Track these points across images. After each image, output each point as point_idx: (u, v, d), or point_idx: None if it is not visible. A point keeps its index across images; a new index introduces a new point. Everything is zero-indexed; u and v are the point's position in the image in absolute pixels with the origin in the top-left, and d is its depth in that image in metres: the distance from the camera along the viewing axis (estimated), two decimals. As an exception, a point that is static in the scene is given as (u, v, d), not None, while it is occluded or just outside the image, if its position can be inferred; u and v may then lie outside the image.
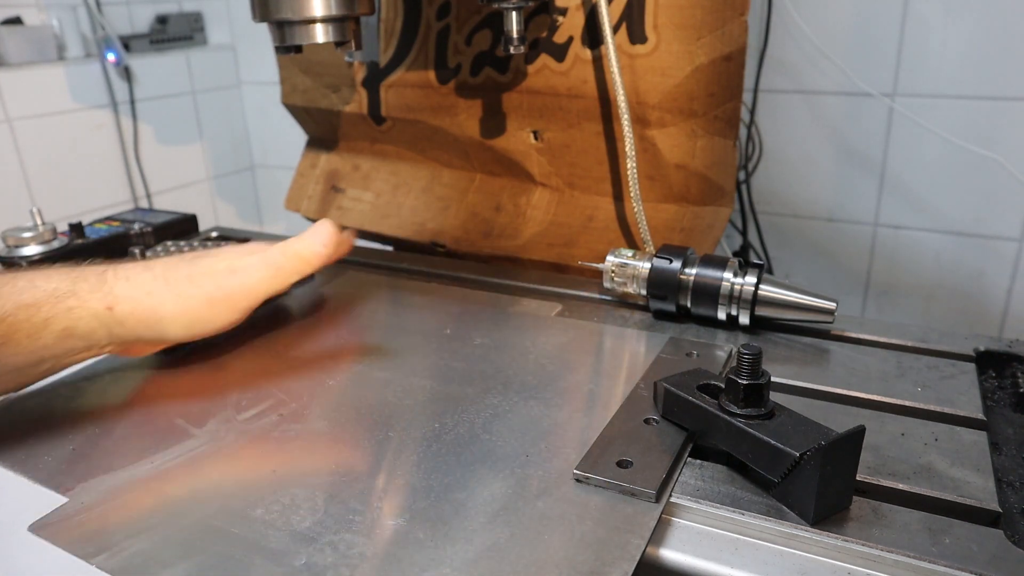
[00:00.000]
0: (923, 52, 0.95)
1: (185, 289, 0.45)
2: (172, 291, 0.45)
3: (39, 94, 1.17)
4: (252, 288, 0.47)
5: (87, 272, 0.44)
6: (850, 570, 0.33)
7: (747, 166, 1.07)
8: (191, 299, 0.45)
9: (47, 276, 0.43)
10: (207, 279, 0.46)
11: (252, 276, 0.47)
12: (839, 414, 0.43)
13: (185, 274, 0.46)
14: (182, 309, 0.45)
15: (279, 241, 0.54)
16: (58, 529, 0.35)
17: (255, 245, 0.51)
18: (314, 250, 0.49)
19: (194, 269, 0.47)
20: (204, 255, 0.49)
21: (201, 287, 0.46)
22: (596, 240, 0.69)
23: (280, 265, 0.48)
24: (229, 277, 0.47)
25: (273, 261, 0.48)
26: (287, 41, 0.57)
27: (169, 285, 0.45)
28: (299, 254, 0.49)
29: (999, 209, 0.97)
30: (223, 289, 0.46)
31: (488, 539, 0.34)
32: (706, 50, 0.60)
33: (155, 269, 0.46)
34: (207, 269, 0.47)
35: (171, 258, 0.48)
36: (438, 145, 0.78)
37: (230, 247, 0.51)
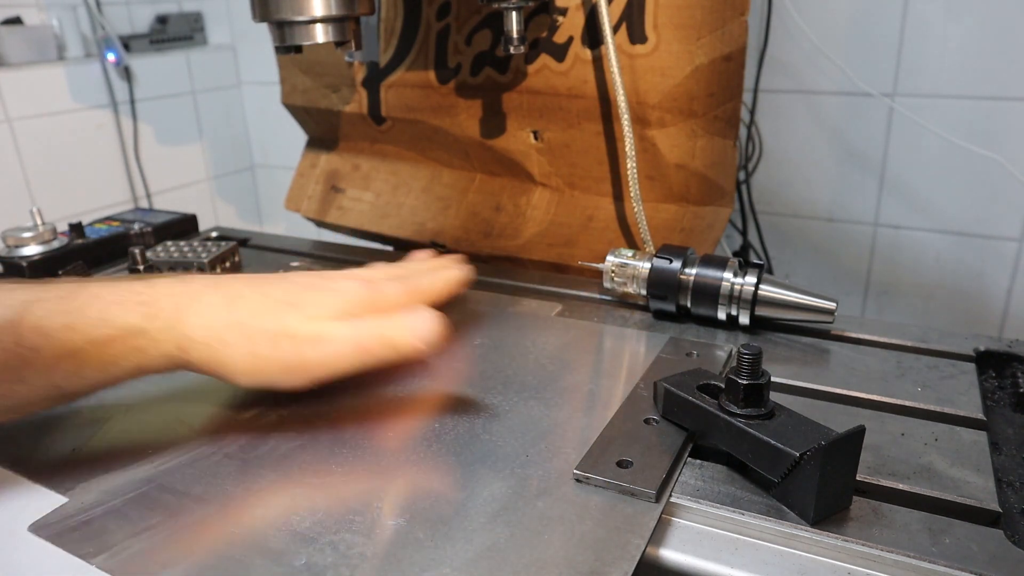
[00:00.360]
0: (923, 52, 0.95)
1: (262, 349, 0.41)
2: (248, 347, 0.41)
3: (39, 94, 1.17)
4: (332, 365, 0.42)
5: (161, 302, 0.41)
6: (850, 570, 0.33)
7: (747, 166, 1.07)
8: (266, 361, 0.41)
9: (121, 305, 0.40)
10: (288, 343, 0.41)
11: (335, 352, 0.41)
12: (839, 414, 0.43)
13: (266, 329, 0.41)
14: (254, 369, 0.41)
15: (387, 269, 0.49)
16: (58, 529, 0.35)
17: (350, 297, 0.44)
18: (412, 345, 0.41)
19: (278, 324, 0.41)
20: (296, 300, 0.43)
21: (280, 350, 0.41)
22: (596, 240, 0.69)
23: (369, 350, 0.42)
24: (311, 347, 0.41)
25: (363, 343, 0.42)
26: (287, 41, 0.57)
27: (246, 338, 0.41)
28: (395, 345, 0.42)
29: (999, 209, 0.97)
30: (301, 358, 0.41)
31: (488, 539, 0.34)
32: (706, 50, 0.60)
33: (238, 311, 0.41)
34: (292, 329, 0.41)
35: (256, 296, 0.43)
36: (438, 145, 0.78)
37: (329, 288, 0.44)
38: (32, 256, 0.65)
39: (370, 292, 0.45)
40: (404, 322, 0.42)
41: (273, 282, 0.44)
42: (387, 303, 0.45)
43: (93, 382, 0.40)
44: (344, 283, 0.45)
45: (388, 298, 0.45)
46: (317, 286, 0.44)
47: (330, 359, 0.42)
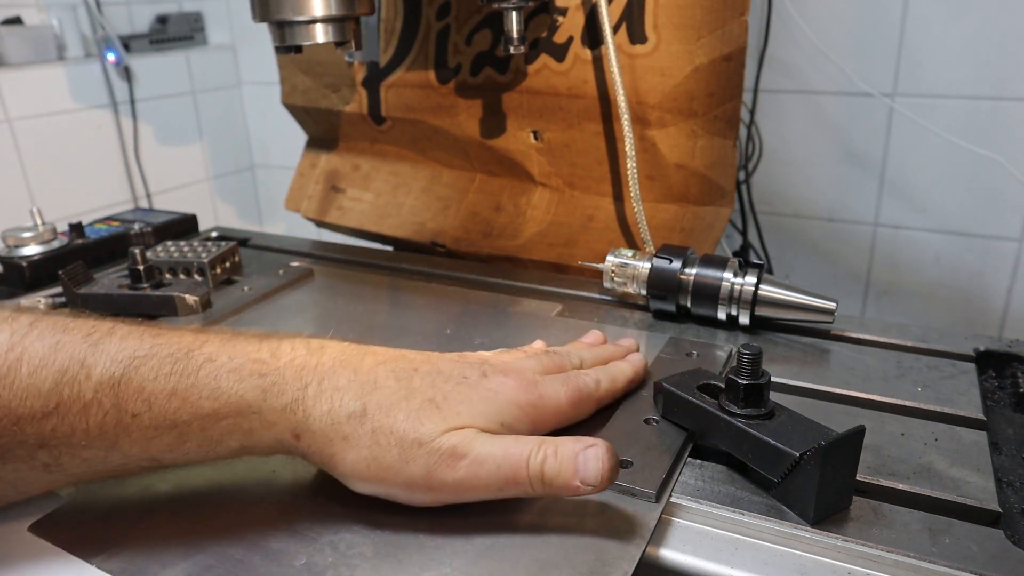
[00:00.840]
0: (923, 52, 0.95)
1: (388, 458, 0.34)
2: (372, 451, 0.34)
3: (39, 94, 1.17)
4: (468, 492, 0.34)
5: (286, 378, 0.34)
6: (850, 570, 0.33)
7: (747, 166, 1.07)
8: (388, 472, 0.34)
9: (237, 374, 0.34)
10: (420, 456, 0.33)
11: (475, 478, 0.34)
12: (839, 414, 0.43)
13: (399, 433, 0.34)
14: (373, 478, 0.34)
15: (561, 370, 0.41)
16: (58, 529, 0.35)
17: (507, 404, 0.37)
18: (570, 484, 0.33)
19: (411, 430, 0.34)
20: (442, 397, 0.35)
21: (407, 465, 0.34)
22: (596, 240, 0.69)
23: (518, 481, 0.33)
24: (447, 467, 0.33)
25: (512, 472, 0.33)
26: (287, 41, 0.57)
27: (374, 439, 0.34)
28: (549, 481, 0.33)
29: (999, 209, 0.97)
30: (431, 480, 0.34)
31: (488, 539, 0.34)
32: (706, 50, 0.60)
33: (369, 401, 0.34)
34: (427, 436, 0.34)
35: (396, 387, 0.35)
36: (438, 145, 0.78)
37: (477, 390, 0.37)
38: (32, 256, 0.65)
39: (533, 398, 0.37)
40: (569, 455, 0.33)
41: (419, 370, 0.37)
42: (550, 415, 0.38)
43: (192, 458, 0.35)
44: (502, 381, 0.37)
45: (551, 406, 0.38)
46: (470, 382, 0.37)
47: (466, 485, 0.34)
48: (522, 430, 0.37)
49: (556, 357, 0.42)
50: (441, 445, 0.34)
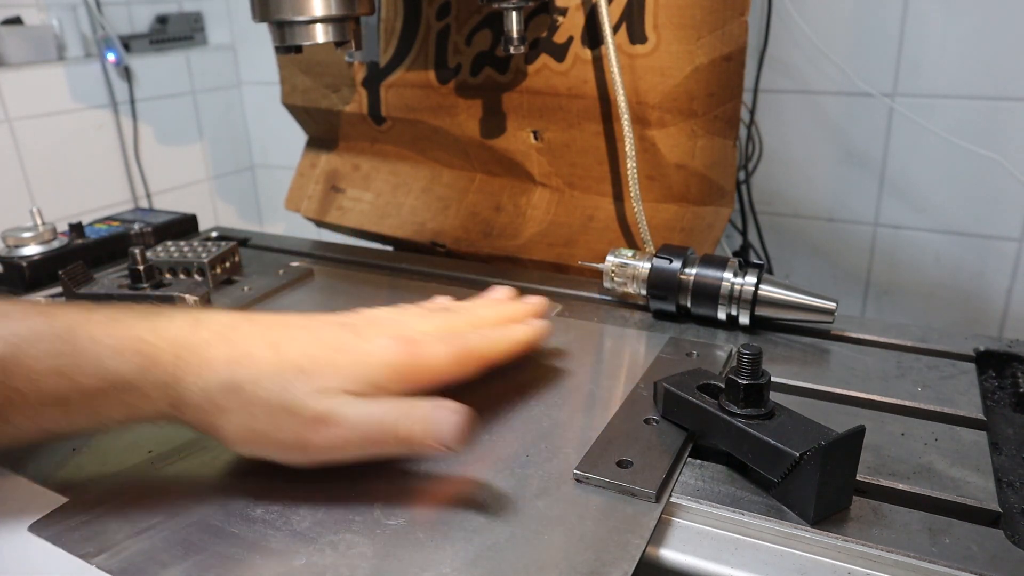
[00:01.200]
0: (923, 52, 0.95)
1: (259, 424, 0.36)
2: (245, 419, 0.36)
3: (39, 94, 1.17)
4: (335, 452, 0.36)
5: (162, 355, 0.36)
6: (850, 570, 0.33)
7: (747, 166, 1.07)
8: (262, 438, 0.36)
9: (119, 355, 0.36)
10: (289, 423, 0.36)
11: (339, 439, 0.36)
12: (839, 414, 0.43)
13: (267, 401, 0.36)
14: (249, 442, 0.37)
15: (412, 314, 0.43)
16: (58, 529, 0.35)
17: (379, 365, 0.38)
18: (428, 445, 0.35)
19: (281, 397, 0.36)
20: (312, 365, 0.37)
21: (278, 430, 0.36)
22: (596, 240, 0.69)
23: (377, 443, 0.36)
24: (313, 430, 0.36)
25: (372, 435, 0.36)
26: (287, 41, 0.57)
27: (244, 408, 0.36)
28: (406, 440, 0.35)
29: (999, 209, 0.97)
30: (301, 442, 0.36)
31: (488, 539, 0.34)
32: (706, 50, 0.60)
33: (241, 374, 0.36)
34: (296, 405, 0.35)
35: (267, 355, 0.37)
36: (438, 145, 0.78)
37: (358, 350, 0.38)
38: (32, 256, 0.65)
39: (408, 358, 0.38)
40: (424, 416, 0.35)
41: (296, 338, 0.38)
42: (427, 373, 0.39)
43: (82, 428, 0.37)
44: (377, 343, 0.38)
45: (429, 365, 0.39)
46: (344, 348, 0.38)
47: (333, 446, 0.36)
48: (396, 390, 0.38)
49: (449, 315, 0.43)
50: (308, 412, 0.36)
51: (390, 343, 0.39)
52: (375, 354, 0.38)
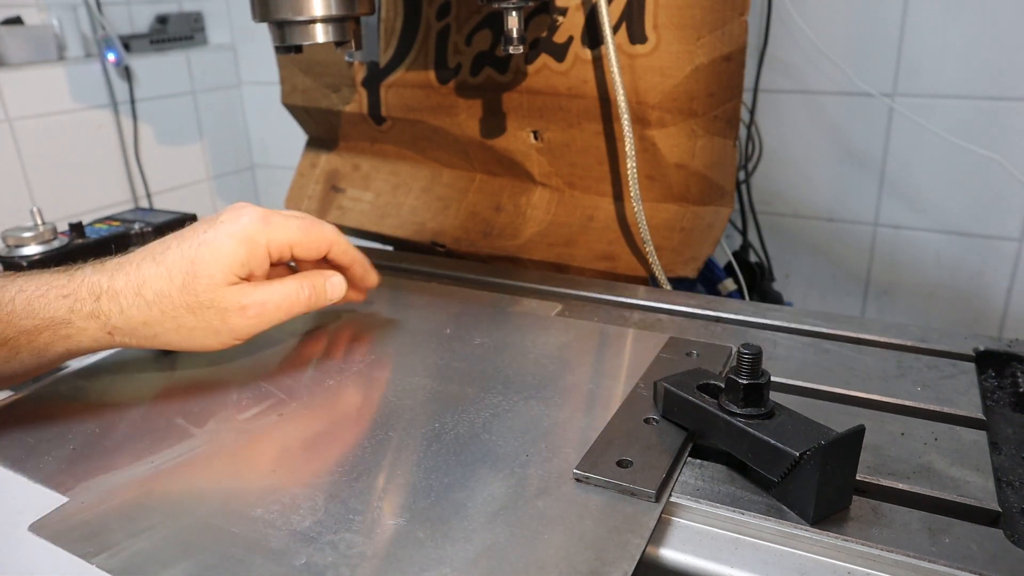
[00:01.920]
0: (923, 52, 0.95)
1: (186, 321, 0.44)
2: (172, 322, 0.44)
3: (39, 94, 1.17)
4: (261, 326, 0.46)
5: (82, 294, 0.43)
6: (850, 570, 0.33)
7: (747, 166, 1.07)
8: (193, 331, 0.44)
9: (45, 299, 0.43)
10: (212, 314, 0.44)
11: (263, 316, 0.46)
12: (839, 414, 0.43)
13: (183, 304, 0.44)
14: (183, 338, 0.45)
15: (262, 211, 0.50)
16: (58, 529, 0.36)
17: (238, 246, 0.45)
18: (326, 302, 0.48)
19: (191, 299, 0.44)
20: (192, 269, 0.44)
21: (206, 320, 0.44)
22: (596, 240, 0.69)
23: (291, 309, 0.47)
24: (238, 315, 0.45)
25: (285, 303, 0.46)
26: (287, 41, 0.57)
27: (166, 316, 0.44)
28: (312, 304, 0.47)
29: (999, 209, 0.97)
30: (229, 325, 0.45)
31: (488, 539, 0.34)
32: (706, 50, 0.60)
33: (146, 294, 0.44)
34: (209, 300, 0.44)
35: (158, 272, 0.44)
36: (438, 145, 0.78)
37: (213, 247, 0.45)
38: (32, 256, 0.65)
39: (260, 225, 0.47)
40: (319, 283, 0.49)
41: (170, 248, 0.45)
42: (280, 235, 0.47)
43: (30, 366, 0.44)
44: (232, 226, 0.46)
45: (279, 230, 0.47)
46: (207, 242, 0.45)
47: (258, 324, 0.46)
48: (260, 257, 0.47)
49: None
50: (225, 303, 0.44)
51: (247, 218, 0.47)
52: (234, 238, 0.46)
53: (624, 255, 0.67)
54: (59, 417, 0.45)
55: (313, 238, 0.50)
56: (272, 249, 0.47)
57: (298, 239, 0.48)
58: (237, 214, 0.47)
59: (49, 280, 0.44)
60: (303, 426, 0.44)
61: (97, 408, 0.46)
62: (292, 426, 0.44)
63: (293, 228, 0.48)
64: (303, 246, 0.49)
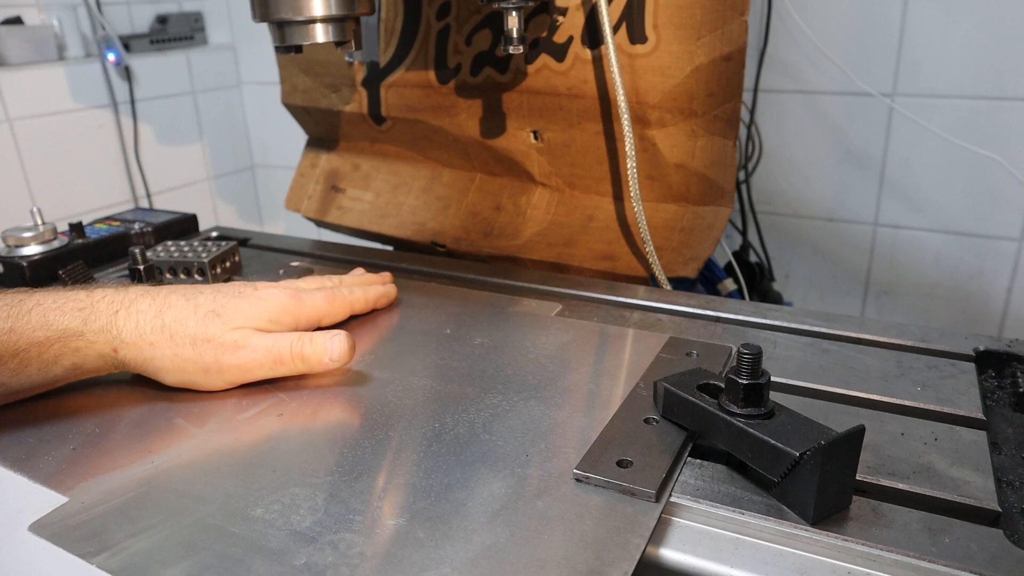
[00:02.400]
0: (923, 52, 0.95)
1: (185, 352, 0.46)
2: (173, 349, 0.46)
3: (39, 94, 1.17)
4: (249, 371, 0.47)
5: (99, 309, 0.45)
6: (850, 569, 0.33)
7: (747, 166, 1.07)
8: (188, 363, 0.46)
9: (60, 311, 0.44)
10: (209, 349, 0.46)
11: (252, 360, 0.47)
12: (839, 414, 0.43)
13: (191, 334, 0.46)
14: (177, 369, 0.46)
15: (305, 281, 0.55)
16: (58, 529, 0.35)
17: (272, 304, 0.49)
18: (321, 361, 0.47)
19: (200, 331, 0.46)
20: (220, 309, 0.47)
21: (201, 355, 0.46)
22: (596, 240, 0.69)
23: (283, 361, 0.47)
24: (231, 354, 0.46)
25: (278, 354, 0.47)
26: (287, 41, 0.57)
27: (173, 342, 0.45)
28: (306, 359, 0.47)
29: (999, 209, 0.97)
30: (220, 364, 0.46)
31: (488, 539, 0.34)
32: (706, 50, 0.60)
33: (166, 317, 0.46)
34: (213, 335, 0.46)
35: (184, 304, 0.47)
36: (438, 145, 0.78)
37: (254, 297, 0.49)
38: (32, 256, 0.65)
39: (293, 300, 0.50)
40: (319, 340, 0.47)
41: (204, 292, 0.48)
42: (310, 311, 0.51)
43: (35, 381, 0.45)
44: (269, 291, 0.50)
45: (310, 306, 0.51)
46: (244, 295, 0.49)
47: (247, 366, 0.47)
48: (287, 324, 0.49)
49: (324, 279, 0.57)
50: (225, 339, 0.46)
51: (280, 291, 0.50)
52: (269, 298, 0.49)
53: (624, 255, 0.67)
54: (59, 417, 0.45)
55: (336, 309, 0.54)
56: (301, 324, 0.51)
57: (324, 313, 0.52)
58: (271, 288, 0.51)
59: (68, 295, 0.46)
60: (303, 426, 0.44)
61: (97, 408, 0.46)
62: (292, 426, 0.44)
63: (320, 304, 0.52)
64: (330, 317, 0.53)
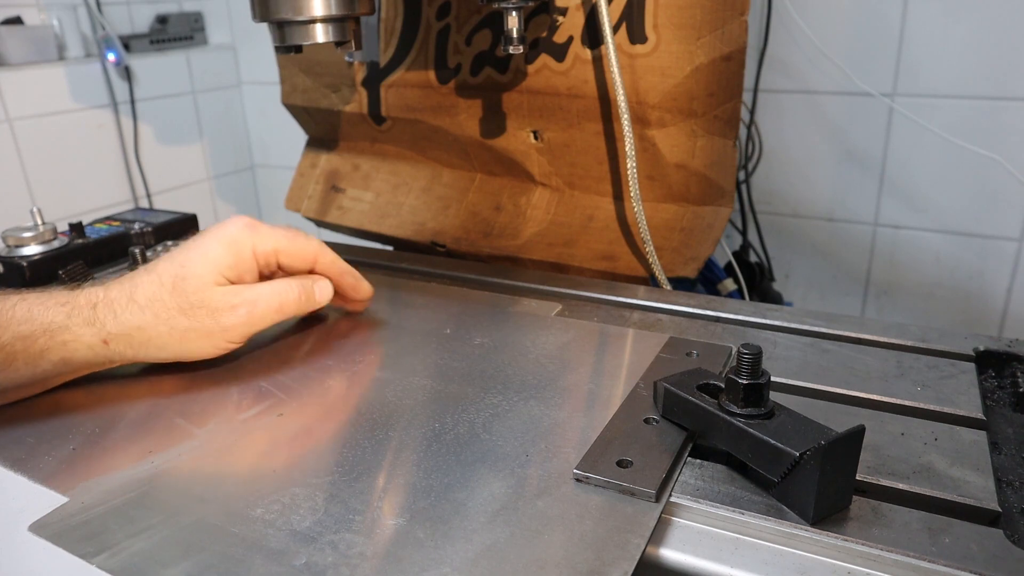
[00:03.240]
0: (923, 52, 0.95)
1: (179, 323, 0.45)
2: (165, 325, 0.45)
3: (39, 94, 1.17)
4: (255, 324, 0.47)
5: (80, 303, 0.45)
6: (850, 570, 0.33)
7: (747, 166, 1.07)
8: (186, 332, 0.45)
9: (44, 306, 0.44)
10: (203, 314, 0.45)
11: (254, 314, 0.47)
12: (839, 414, 0.43)
13: (176, 306, 0.45)
14: (176, 341, 0.46)
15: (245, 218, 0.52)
16: (58, 529, 0.35)
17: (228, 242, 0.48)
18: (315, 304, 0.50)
19: (185, 300, 0.45)
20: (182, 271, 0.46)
21: (197, 321, 0.45)
22: (596, 240, 0.69)
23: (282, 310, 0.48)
24: (229, 315, 0.46)
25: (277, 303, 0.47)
26: (287, 41, 0.57)
27: (159, 318, 0.45)
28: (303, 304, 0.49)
29: (999, 209, 0.97)
30: (220, 324, 0.46)
31: (488, 539, 0.34)
32: (706, 50, 0.60)
33: (138, 298, 0.45)
34: (202, 300, 0.45)
35: (149, 279, 0.46)
36: (438, 145, 0.78)
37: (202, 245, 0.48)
38: (32, 256, 0.65)
39: (250, 227, 0.49)
40: (308, 285, 0.50)
41: (161, 259, 0.48)
42: (267, 236, 0.49)
43: (25, 377, 0.44)
44: (222, 230, 0.48)
45: (268, 230, 0.50)
46: (196, 244, 0.48)
47: (249, 322, 0.47)
48: (246, 257, 0.48)
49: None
50: (217, 302, 0.46)
51: (232, 225, 0.49)
52: (223, 236, 0.48)
53: (624, 255, 0.67)
54: (59, 417, 0.45)
55: (298, 247, 0.51)
56: (258, 254, 0.49)
57: (283, 246, 0.50)
58: (225, 223, 0.49)
59: (51, 293, 0.45)
60: (303, 426, 0.44)
61: (97, 408, 0.46)
62: (292, 426, 0.44)
63: (279, 235, 0.50)
64: (288, 254, 0.51)
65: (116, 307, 0.45)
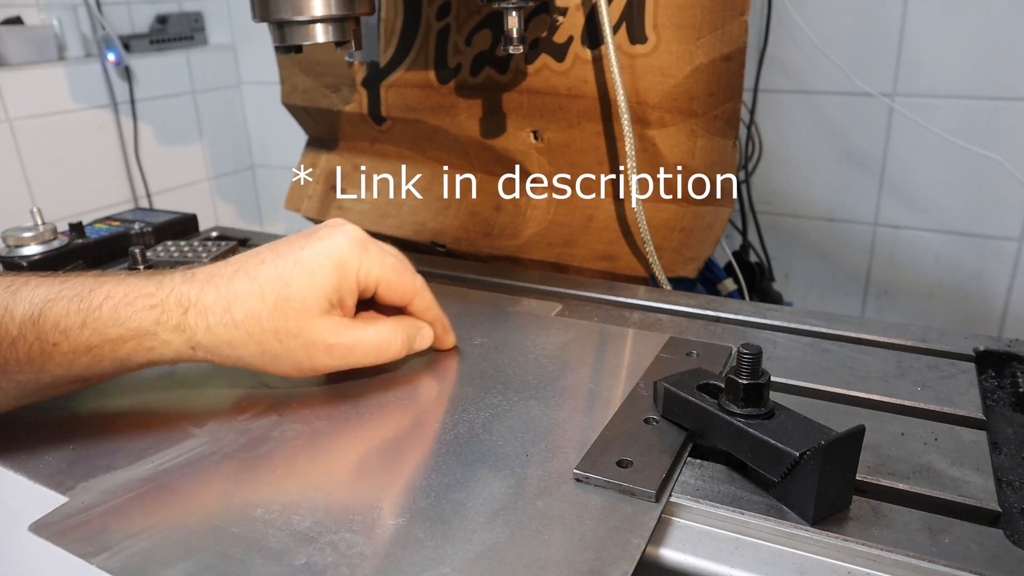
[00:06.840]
0: (923, 52, 0.95)
1: (271, 347, 0.43)
2: (257, 346, 0.42)
3: (39, 94, 1.17)
4: (346, 367, 0.45)
5: (170, 304, 0.42)
6: (850, 570, 0.33)
7: (747, 166, 1.07)
8: (277, 358, 0.43)
9: (132, 307, 0.41)
10: (297, 345, 0.43)
11: (352, 358, 0.45)
12: (839, 414, 0.43)
13: (272, 329, 0.42)
14: (266, 363, 0.43)
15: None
16: (58, 529, 0.35)
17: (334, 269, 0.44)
18: (412, 351, 0.47)
19: (283, 325, 0.42)
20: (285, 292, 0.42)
21: (289, 350, 0.43)
22: (596, 240, 0.69)
23: (379, 355, 0.46)
24: (324, 355, 0.44)
25: (374, 348, 0.45)
26: (287, 41, 0.57)
27: (253, 338, 0.42)
28: (401, 352, 0.46)
29: (999, 209, 0.97)
30: (312, 361, 0.44)
31: (488, 539, 0.34)
32: (706, 50, 0.60)
33: (235, 313, 0.42)
34: (300, 329, 0.43)
35: (251, 291, 0.42)
36: (438, 145, 0.78)
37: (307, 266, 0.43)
38: (32, 256, 0.65)
39: (360, 246, 0.45)
40: (409, 333, 0.47)
41: (264, 264, 0.44)
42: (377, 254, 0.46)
43: (111, 372, 0.43)
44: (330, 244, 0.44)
45: (377, 249, 0.46)
46: (303, 260, 0.44)
47: (342, 364, 0.45)
48: (352, 279, 0.45)
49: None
50: (314, 337, 0.43)
51: (343, 240, 0.45)
52: (334, 251, 0.44)
53: (624, 255, 0.67)
54: (59, 417, 0.45)
55: (402, 284, 0.47)
56: (361, 279, 0.45)
57: (387, 278, 0.46)
58: (334, 233, 0.45)
59: (136, 287, 0.42)
60: (303, 426, 0.44)
61: (97, 408, 0.46)
62: (292, 426, 0.44)
63: (387, 265, 0.46)
64: (389, 287, 0.47)
65: (210, 316, 0.42)
